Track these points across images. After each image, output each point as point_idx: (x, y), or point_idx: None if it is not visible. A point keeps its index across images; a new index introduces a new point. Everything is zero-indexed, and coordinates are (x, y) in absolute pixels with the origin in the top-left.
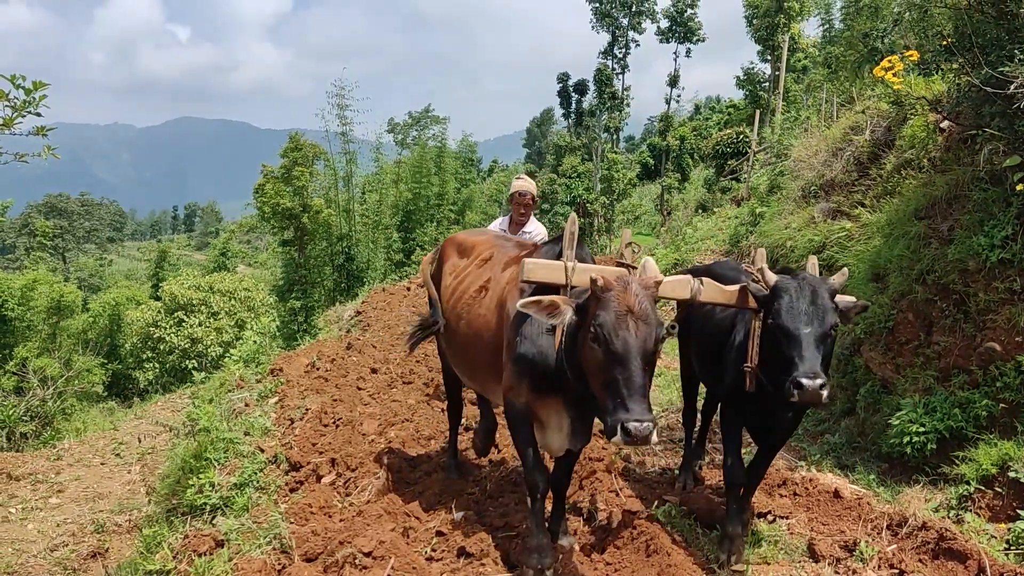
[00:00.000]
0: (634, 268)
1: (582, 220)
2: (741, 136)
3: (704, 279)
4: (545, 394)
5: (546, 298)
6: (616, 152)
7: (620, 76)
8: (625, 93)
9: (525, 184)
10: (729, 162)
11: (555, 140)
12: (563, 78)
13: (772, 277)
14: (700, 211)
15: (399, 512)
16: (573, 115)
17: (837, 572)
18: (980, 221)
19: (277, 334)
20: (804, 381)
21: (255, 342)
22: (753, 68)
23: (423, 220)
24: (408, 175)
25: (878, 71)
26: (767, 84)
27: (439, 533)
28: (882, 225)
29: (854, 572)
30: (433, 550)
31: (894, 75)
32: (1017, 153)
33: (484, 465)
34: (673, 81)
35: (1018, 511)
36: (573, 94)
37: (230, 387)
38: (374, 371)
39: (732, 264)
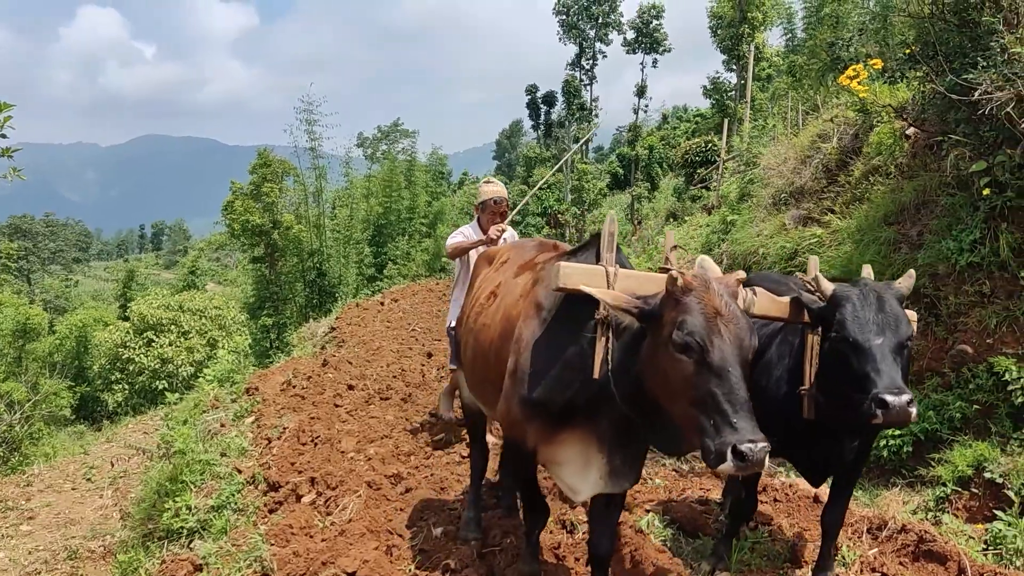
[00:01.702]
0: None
1: (553, 231)
2: (709, 145)
3: (757, 288)
4: (566, 428)
5: (602, 293)
6: (586, 163)
7: (588, 87)
8: (593, 104)
9: (500, 190)
10: (698, 170)
11: (525, 152)
12: (532, 90)
13: (829, 285)
14: (670, 220)
15: (381, 530)
16: (542, 126)
17: None
18: (948, 226)
19: (250, 352)
20: (888, 398)
21: (229, 361)
22: (719, 78)
23: (394, 234)
24: (378, 189)
25: (843, 79)
26: (733, 93)
27: (422, 550)
28: (852, 231)
29: None
30: (418, 568)
31: (859, 83)
32: (983, 158)
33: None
34: (641, 91)
35: (994, 511)
36: (542, 105)
37: (205, 407)
38: (351, 388)
39: (775, 276)
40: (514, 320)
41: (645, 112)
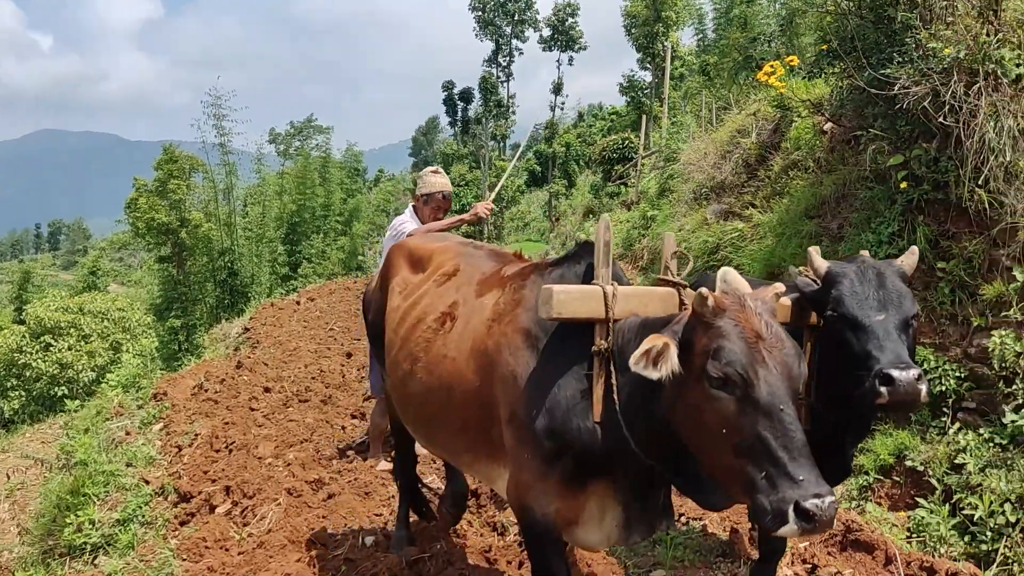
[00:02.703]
0: (684, 286)
1: (472, 228)
2: (627, 142)
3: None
4: (586, 484)
5: (654, 340)
6: (503, 160)
7: (505, 84)
8: (511, 101)
9: (446, 182)
10: (616, 167)
11: (442, 148)
12: (448, 86)
13: (822, 263)
14: (588, 216)
15: (303, 540)
16: (459, 123)
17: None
18: (867, 219)
19: (156, 354)
20: (894, 372)
21: (134, 365)
22: (634, 75)
23: (309, 232)
24: (292, 186)
25: (761, 76)
26: (648, 91)
27: (348, 560)
28: (774, 225)
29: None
30: None
31: (776, 79)
32: (900, 152)
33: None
34: (557, 89)
35: (916, 499)
36: (459, 102)
37: (108, 415)
38: (267, 390)
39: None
40: (493, 352)
41: (562, 109)
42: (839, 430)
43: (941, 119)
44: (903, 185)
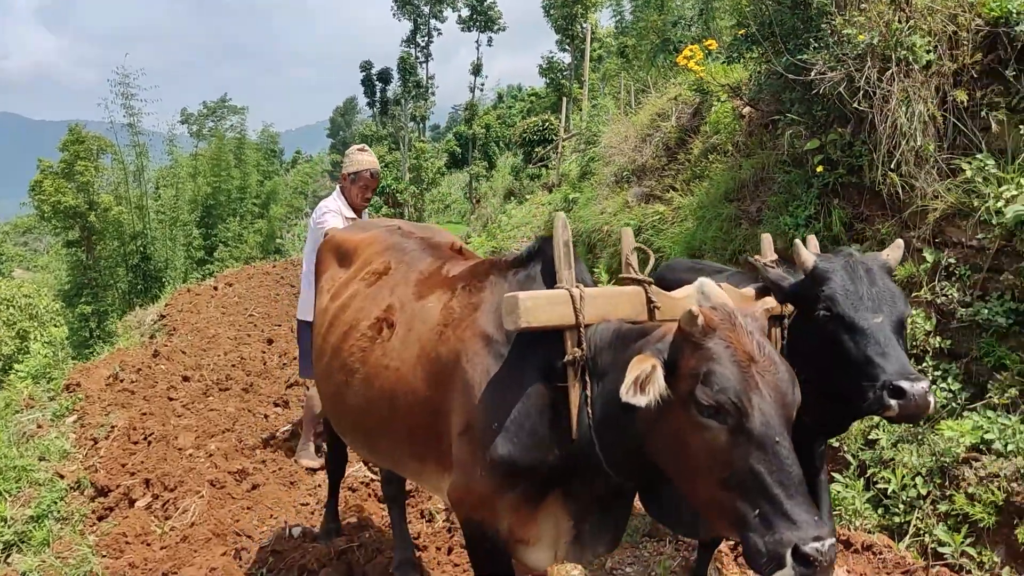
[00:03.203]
0: (649, 283)
1: (391, 210)
2: (547, 124)
3: (723, 284)
4: (542, 499)
5: (642, 363)
6: (423, 141)
7: (424, 65)
8: (430, 82)
9: (373, 160)
10: (536, 149)
11: (361, 130)
12: (367, 66)
13: (810, 256)
14: (509, 198)
15: (228, 533)
16: (378, 104)
17: (677, 549)
18: (785, 202)
19: (67, 343)
20: (904, 385)
21: (44, 355)
22: (553, 57)
23: (225, 215)
24: (206, 168)
25: (680, 60)
26: (568, 73)
27: (275, 552)
28: (694, 208)
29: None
30: (269, 571)
31: (695, 63)
32: (816, 137)
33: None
34: (476, 70)
35: (832, 474)
36: (377, 83)
37: (18, 407)
38: (186, 379)
39: (686, 263)
40: (447, 360)
41: (481, 91)
42: (812, 430)
43: (856, 104)
44: (819, 169)
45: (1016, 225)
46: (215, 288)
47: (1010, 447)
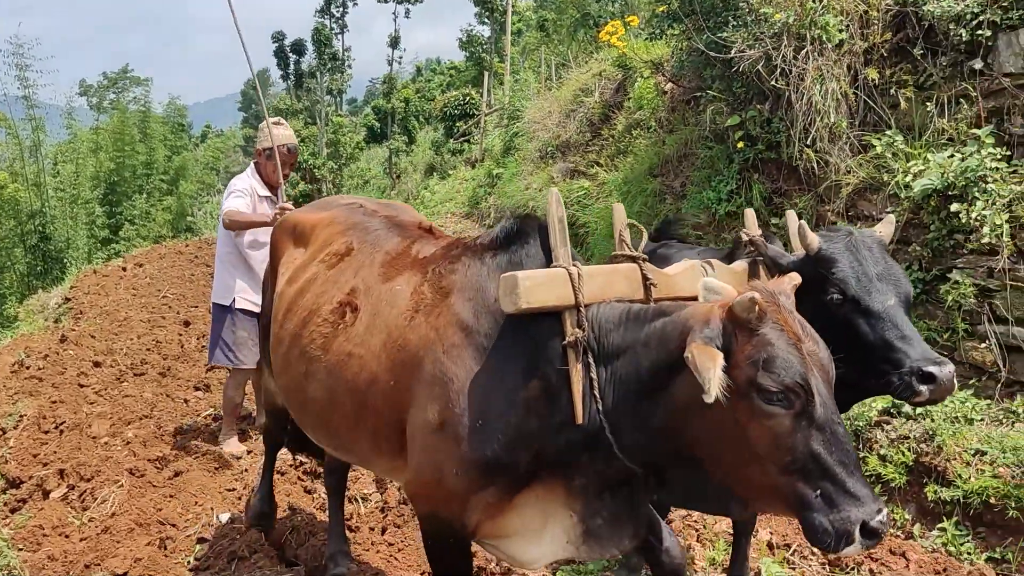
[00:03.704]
0: (644, 259)
1: (309, 186)
2: (468, 98)
3: (712, 261)
4: (523, 491)
5: (712, 357)
6: (340, 115)
7: (340, 36)
8: (346, 54)
9: (290, 134)
10: (458, 124)
11: (274, 103)
12: (279, 37)
13: (815, 237)
14: (431, 173)
15: (152, 522)
16: (292, 77)
17: None
18: (708, 177)
19: None
20: (933, 370)
21: None
22: (472, 30)
23: (130, 192)
24: (109, 143)
25: (603, 35)
26: (487, 46)
27: (202, 540)
28: (619, 183)
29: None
30: (197, 559)
31: (618, 39)
32: (736, 113)
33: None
34: (394, 42)
35: None
36: (291, 55)
37: None
38: (97, 364)
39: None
40: (418, 349)
41: (399, 64)
42: None
43: (773, 82)
44: (740, 145)
45: (923, 199)
46: (124, 269)
47: (919, 410)
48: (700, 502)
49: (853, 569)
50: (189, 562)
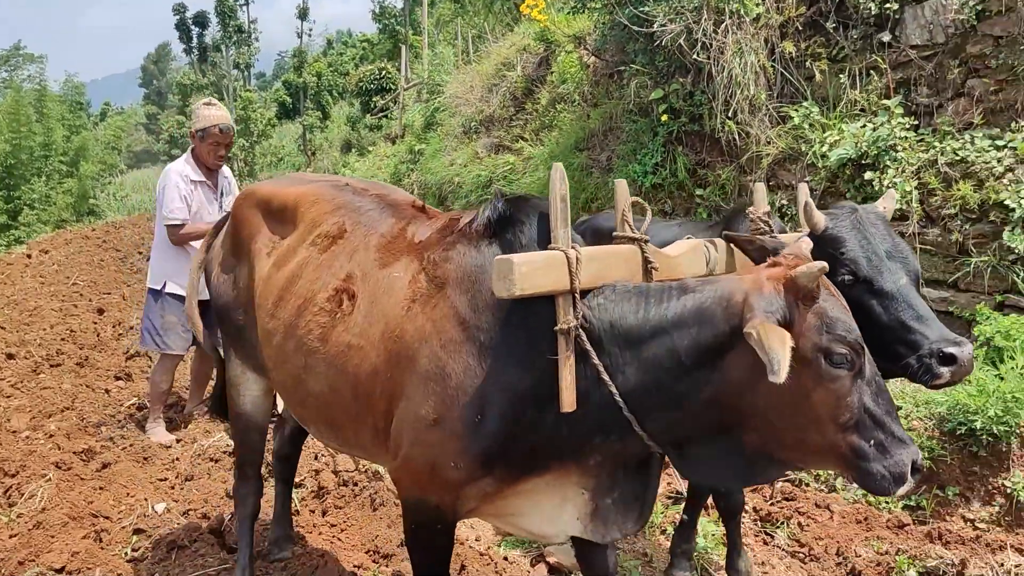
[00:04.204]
0: (645, 241)
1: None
2: (384, 72)
3: (716, 240)
4: (530, 477)
5: (782, 338)
6: (249, 90)
7: (245, 8)
8: (252, 26)
9: (223, 115)
10: (374, 99)
11: (178, 78)
12: (180, 9)
13: (821, 216)
14: (347, 150)
15: (85, 515)
16: (196, 51)
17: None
18: (633, 150)
19: None
20: (954, 351)
21: None
22: (385, 1)
23: (28, 175)
24: (3, 124)
25: (524, 8)
26: (402, 18)
27: (138, 531)
28: (545, 158)
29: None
30: (135, 550)
31: (539, 13)
32: (660, 87)
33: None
34: (303, 14)
35: None
36: (194, 27)
37: None
38: (11, 356)
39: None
40: (412, 341)
41: (309, 36)
42: None
43: (695, 56)
44: (664, 118)
45: (839, 167)
46: (29, 256)
47: None
48: (724, 475)
49: (783, 523)
50: (127, 553)
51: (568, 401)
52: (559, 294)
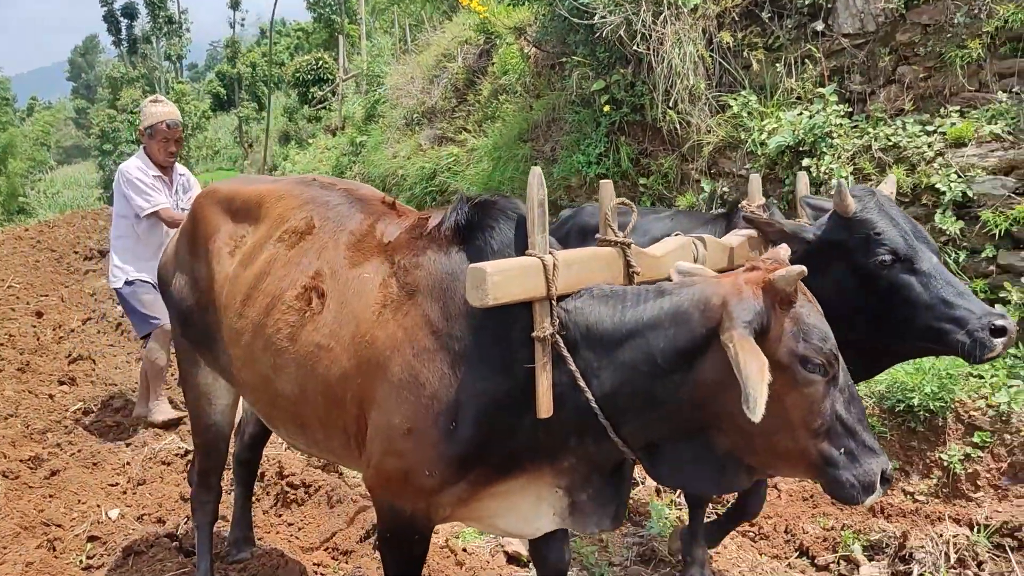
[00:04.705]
0: (628, 245)
1: None
2: (321, 62)
3: (705, 237)
4: (504, 479)
5: (754, 357)
6: (182, 82)
7: None
8: (183, 17)
9: (173, 111)
10: (312, 89)
11: (108, 71)
12: (107, 0)
13: (852, 200)
14: (285, 141)
15: (36, 524)
16: (125, 42)
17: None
18: (577, 141)
19: None
20: (1004, 323)
21: None
22: None
23: None
24: None
25: (463, 0)
26: (337, 6)
27: (93, 538)
28: (489, 149)
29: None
30: (90, 558)
31: (479, 3)
32: (601, 78)
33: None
34: (235, 3)
35: None
36: (122, 19)
37: None
38: None
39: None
40: (384, 348)
41: (242, 26)
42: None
43: (635, 47)
44: (606, 109)
45: (777, 155)
46: None
47: None
48: (695, 480)
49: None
50: (82, 562)
51: (545, 407)
52: (536, 301)
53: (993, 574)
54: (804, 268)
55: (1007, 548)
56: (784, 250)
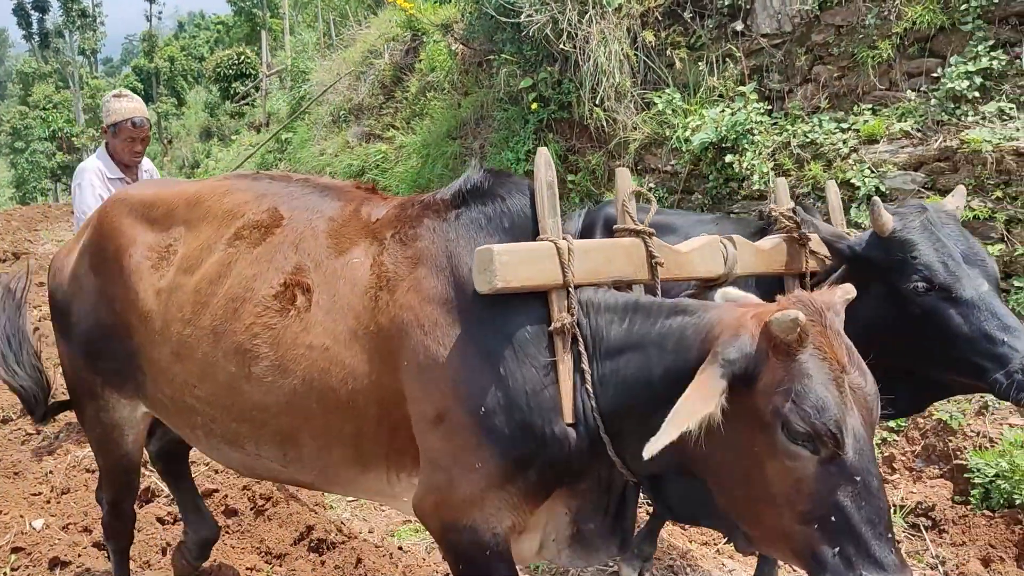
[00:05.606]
0: (650, 234)
1: (66, 156)
2: (243, 57)
3: (735, 237)
4: (540, 491)
5: (701, 396)
6: (96, 77)
7: None
8: (97, 10)
9: (139, 107)
10: (234, 84)
11: (18, 67)
12: None
13: (889, 218)
14: (207, 138)
15: None
16: (37, 36)
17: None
18: (505, 138)
19: None
20: None
21: None
22: None
23: None
24: None
25: None
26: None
27: (17, 549)
28: (418, 146)
29: None
30: (14, 569)
31: (405, 0)
32: (528, 76)
33: None
34: None
35: None
36: (33, 12)
37: None
38: None
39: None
40: (394, 332)
41: (159, 19)
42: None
43: (561, 45)
44: (534, 106)
45: (701, 151)
46: None
47: None
48: (699, 515)
49: None
50: (6, 573)
51: (567, 408)
52: (551, 289)
53: (908, 552)
54: (800, 315)
55: (921, 528)
56: (840, 291)
